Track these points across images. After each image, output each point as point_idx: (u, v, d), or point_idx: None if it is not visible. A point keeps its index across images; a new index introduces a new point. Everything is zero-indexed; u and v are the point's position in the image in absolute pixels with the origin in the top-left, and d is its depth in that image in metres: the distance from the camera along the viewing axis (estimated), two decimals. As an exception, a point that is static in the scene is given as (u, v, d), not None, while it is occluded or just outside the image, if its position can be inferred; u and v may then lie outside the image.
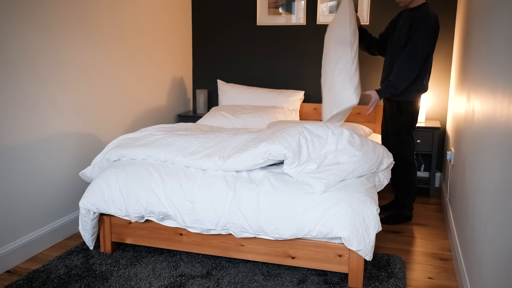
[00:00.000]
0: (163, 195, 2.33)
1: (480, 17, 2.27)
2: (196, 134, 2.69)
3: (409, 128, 2.96)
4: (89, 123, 2.98)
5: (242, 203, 2.21)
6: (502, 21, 1.66)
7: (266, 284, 2.23)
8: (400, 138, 2.98)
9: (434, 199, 3.64)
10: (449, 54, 3.78)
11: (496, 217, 1.50)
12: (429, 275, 2.38)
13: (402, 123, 2.95)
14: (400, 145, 2.98)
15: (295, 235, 2.17)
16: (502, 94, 1.53)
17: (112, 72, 3.20)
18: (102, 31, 3.05)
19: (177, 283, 2.23)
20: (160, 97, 3.94)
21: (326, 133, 2.45)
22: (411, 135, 2.98)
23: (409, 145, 2.98)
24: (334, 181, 2.20)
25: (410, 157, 3.00)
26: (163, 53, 3.92)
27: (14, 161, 2.40)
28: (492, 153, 1.66)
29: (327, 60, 2.97)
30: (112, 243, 2.56)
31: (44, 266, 2.39)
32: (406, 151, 2.98)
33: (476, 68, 2.24)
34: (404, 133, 2.97)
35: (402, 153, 2.98)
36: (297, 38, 4.15)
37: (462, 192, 2.40)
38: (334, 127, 2.49)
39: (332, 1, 3.98)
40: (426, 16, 2.72)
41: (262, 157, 2.28)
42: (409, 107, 2.91)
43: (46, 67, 2.57)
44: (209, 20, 4.40)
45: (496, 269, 1.44)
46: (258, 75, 4.34)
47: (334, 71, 2.88)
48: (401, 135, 2.97)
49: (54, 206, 2.72)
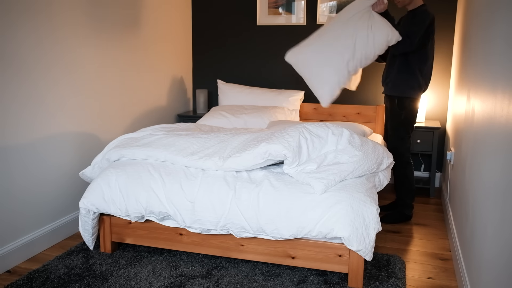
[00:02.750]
0: (163, 195, 2.33)
1: (480, 17, 2.27)
2: (196, 134, 2.69)
3: (408, 126, 3.00)
4: (89, 123, 2.98)
5: (242, 203, 2.21)
6: (502, 21, 1.67)
7: (266, 284, 2.23)
8: (398, 134, 3.01)
9: (434, 199, 3.64)
10: (449, 54, 3.78)
11: (496, 217, 1.50)
12: (429, 275, 2.38)
13: (401, 120, 2.99)
14: (396, 142, 3.02)
15: (295, 235, 2.17)
16: (502, 94, 1.53)
17: (112, 72, 3.20)
18: (102, 31, 3.05)
19: (177, 283, 2.23)
20: (160, 97, 3.94)
21: (326, 133, 2.45)
22: (408, 133, 3.02)
23: (405, 143, 3.02)
24: (334, 181, 2.20)
25: (406, 155, 3.03)
26: (163, 53, 3.92)
27: (14, 161, 2.40)
28: (492, 153, 1.66)
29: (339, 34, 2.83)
30: (112, 243, 2.56)
31: (44, 266, 2.39)
32: (402, 148, 3.02)
33: (476, 68, 2.24)
34: (402, 130, 3.00)
35: (397, 150, 3.02)
36: (297, 38, 4.15)
37: (462, 192, 2.40)
38: (334, 127, 2.49)
39: (332, 1, 3.98)
40: (424, 11, 2.84)
41: (262, 157, 2.28)
42: (410, 103, 2.96)
43: (49, 68, 2.57)
44: (209, 20, 4.40)
45: (496, 269, 1.44)
46: (258, 75, 4.34)
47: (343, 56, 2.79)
48: (399, 132, 3.01)
49: (54, 206, 2.72)
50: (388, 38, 2.74)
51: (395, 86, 2.98)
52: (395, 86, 2.98)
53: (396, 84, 2.97)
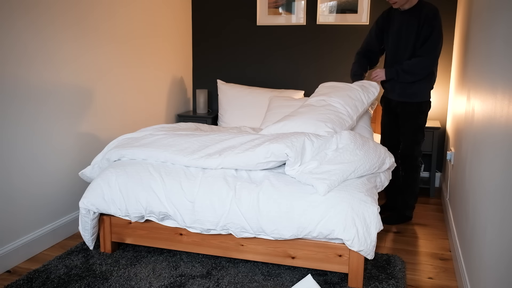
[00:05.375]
0: (163, 195, 2.33)
1: (480, 17, 2.27)
2: (197, 134, 2.69)
3: (424, 129, 2.96)
4: (89, 123, 2.98)
5: (242, 203, 2.21)
6: (502, 21, 1.67)
7: (266, 284, 2.23)
8: (416, 139, 2.93)
9: (434, 199, 3.64)
10: (449, 54, 3.78)
11: (496, 217, 1.50)
12: (429, 275, 2.38)
13: (421, 124, 2.92)
14: (413, 146, 2.94)
15: (296, 235, 2.17)
16: (502, 94, 1.53)
17: (112, 72, 3.20)
18: (102, 31, 3.05)
19: (177, 283, 2.23)
20: (160, 97, 3.94)
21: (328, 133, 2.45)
22: (424, 136, 2.97)
23: (420, 147, 2.96)
24: (336, 181, 2.20)
25: (419, 159, 2.99)
26: (163, 53, 3.92)
27: (14, 161, 2.40)
28: (492, 153, 1.66)
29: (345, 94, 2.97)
30: (112, 243, 2.56)
31: (44, 266, 2.39)
32: (417, 152, 2.96)
33: (476, 68, 2.24)
34: (420, 134, 2.94)
35: (413, 155, 2.95)
36: (297, 38, 4.15)
37: (462, 192, 2.40)
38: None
39: (332, 1, 3.98)
40: (435, 12, 2.72)
41: (264, 157, 2.28)
42: (427, 106, 2.93)
43: (46, 67, 2.57)
44: (209, 20, 4.39)
45: (497, 269, 1.44)
46: (258, 75, 4.34)
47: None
48: (417, 136, 2.93)
49: (54, 206, 2.72)
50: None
51: (416, 92, 2.87)
52: (416, 92, 2.87)
53: (416, 90, 2.87)
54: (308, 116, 2.81)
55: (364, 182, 2.29)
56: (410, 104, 2.91)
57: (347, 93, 2.96)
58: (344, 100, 2.92)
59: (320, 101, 2.96)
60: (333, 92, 2.99)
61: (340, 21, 3.98)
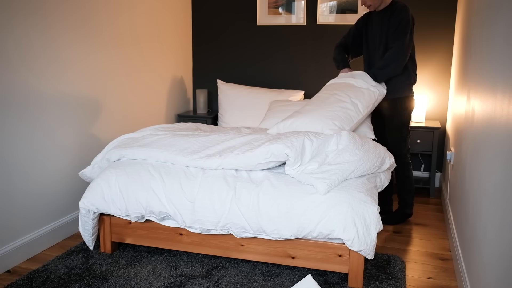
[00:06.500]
0: (163, 195, 2.33)
1: (480, 16, 2.27)
2: (197, 134, 2.69)
3: (408, 124, 3.01)
4: (89, 123, 2.98)
5: (242, 203, 2.21)
6: (502, 21, 1.67)
7: (266, 284, 2.23)
8: (401, 135, 2.98)
9: (434, 199, 3.64)
10: (449, 54, 3.78)
11: (496, 217, 1.50)
12: (429, 275, 2.38)
13: (404, 120, 2.97)
14: (401, 143, 2.99)
15: (296, 235, 2.17)
16: (502, 94, 1.53)
17: (112, 73, 3.20)
18: (102, 31, 3.05)
19: (177, 283, 2.23)
20: (160, 97, 3.94)
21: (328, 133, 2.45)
22: (409, 132, 3.02)
23: (406, 143, 3.01)
24: (337, 180, 2.20)
25: (407, 156, 3.03)
26: (163, 53, 3.92)
27: (14, 161, 2.40)
28: (492, 153, 1.66)
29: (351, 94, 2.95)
30: (112, 243, 2.56)
31: (44, 266, 2.39)
32: (405, 150, 3.00)
33: (476, 68, 2.24)
34: (405, 129, 2.99)
35: (401, 152, 3.00)
36: (297, 38, 4.15)
37: (462, 192, 2.40)
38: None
39: (332, 1, 3.98)
40: (402, 8, 2.81)
41: (264, 157, 2.28)
42: (410, 101, 2.97)
43: (48, 68, 2.57)
44: (209, 20, 4.40)
45: (497, 269, 1.44)
46: (258, 75, 4.34)
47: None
48: (402, 132, 2.98)
49: (54, 206, 2.72)
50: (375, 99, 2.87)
51: (393, 88, 2.95)
52: (393, 88, 2.95)
53: (393, 85, 2.95)
54: (316, 113, 2.80)
55: (364, 182, 2.29)
56: (389, 101, 2.98)
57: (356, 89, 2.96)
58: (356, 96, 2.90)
59: (329, 96, 2.95)
60: (344, 88, 2.98)
61: (340, 21, 3.98)
